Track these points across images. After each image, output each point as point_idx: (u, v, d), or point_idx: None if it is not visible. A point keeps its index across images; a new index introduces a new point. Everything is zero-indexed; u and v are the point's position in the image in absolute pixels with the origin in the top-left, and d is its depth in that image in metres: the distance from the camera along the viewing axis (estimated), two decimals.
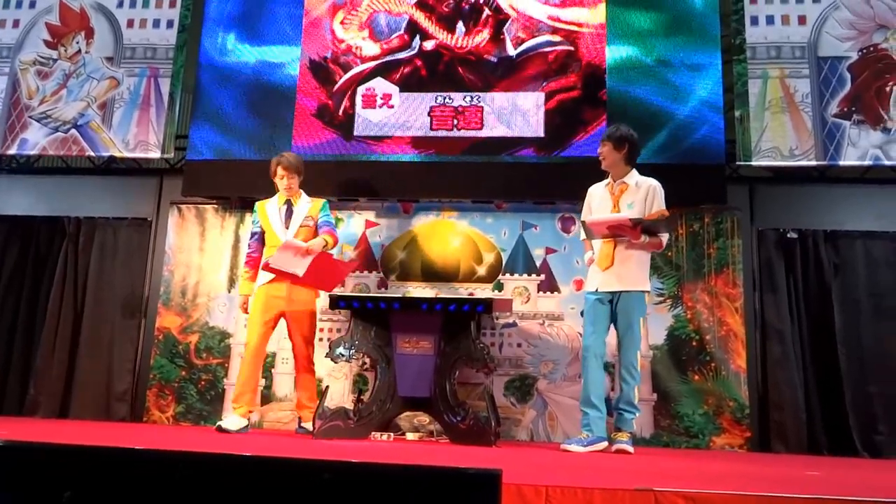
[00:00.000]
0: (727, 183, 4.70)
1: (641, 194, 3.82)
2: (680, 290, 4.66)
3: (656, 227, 3.73)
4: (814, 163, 4.70)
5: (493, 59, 5.02)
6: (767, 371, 4.56)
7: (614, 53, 4.92)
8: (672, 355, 4.58)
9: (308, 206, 4.39)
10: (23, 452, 1.49)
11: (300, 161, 4.41)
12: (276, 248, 4.14)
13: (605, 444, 3.68)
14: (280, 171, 4.31)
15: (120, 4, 5.55)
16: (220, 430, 4.01)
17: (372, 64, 5.13)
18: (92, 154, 5.34)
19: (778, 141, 4.74)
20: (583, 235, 3.98)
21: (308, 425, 4.14)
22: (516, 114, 4.92)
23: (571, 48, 4.97)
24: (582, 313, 3.96)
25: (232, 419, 4.10)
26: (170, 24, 5.46)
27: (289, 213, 4.34)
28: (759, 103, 4.82)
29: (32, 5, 5.65)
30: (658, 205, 3.79)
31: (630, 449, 3.59)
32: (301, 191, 4.43)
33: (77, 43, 5.53)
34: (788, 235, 4.74)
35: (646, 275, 3.83)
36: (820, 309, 4.61)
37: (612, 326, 3.83)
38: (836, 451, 4.34)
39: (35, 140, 5.36)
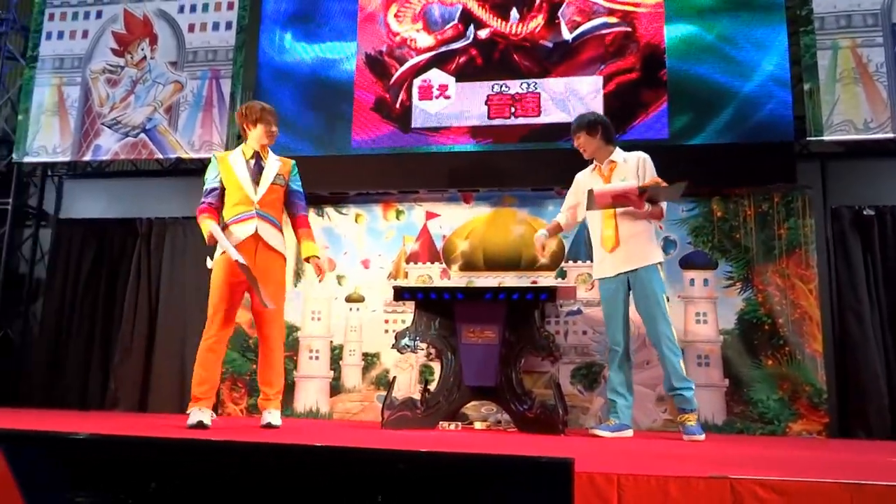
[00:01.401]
0: (797, 160, 4.53)
1: (632, 167, 3.82)
2: (750, 273, 4.52)
3: (660, 194, 3.70)
4: (891, 135, 4.49)
5: (549, 45, 4.96)
6: (846, 354, 4.40)
7: (673, 32, 4.80)
8: (743, 340, 4.45)
9: (278, 163, 3.84)
10: (109, 445, 1.54)
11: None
12: (240, 206, 3.66)
13: (631, 431, 3.73)
14: (268, 117, 3.76)
15: (181, 9, 5.70)
16: (199, 426, 3.44)
17: (427, 55, 5.13)
18: (160, 156, 5.52)
19: (851, 114, 4.55)
20: (561, 215, 4.07)
21: (264, 416, 3.66)
22: (574, 99, 4.85)
23: (629, 29, 4.87)
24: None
25: (203, 412, 3.52)
26: (228, 25, 5.58)
27: (258, 166, 3.76)
28: (829, 76, 4.62)
29: (99, 16, 5.85)
30: (651, 173, 3.78)
31: (701, 436, 3.53)
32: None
33: (142, 50, 5.70)
34: (864, 213, 4.54)
35: (656, 246, 3.82)
36: None
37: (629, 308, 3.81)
38: None
39: (107, 146, 5.56)
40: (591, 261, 4.68)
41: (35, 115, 5.73)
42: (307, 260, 3.88)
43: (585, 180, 3.97)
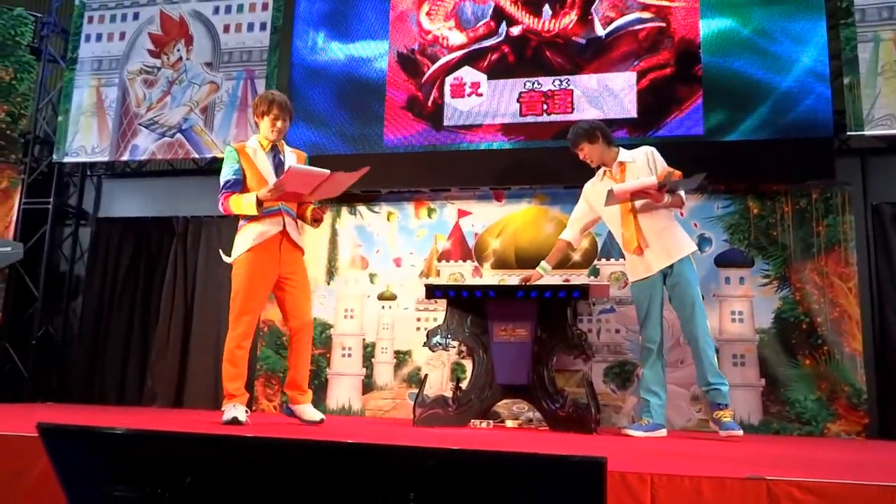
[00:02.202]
0: (836, 156, 4.44)
1: (642, 164, 3.80)
2: (787, 271, 4.44)
3: (679, 186, 3.68)
4: None
5: (582, 41, 4.93)
6: (887, 353, 4.29)
7: (708, 27, 4.72)
8: (780, 339, 4.37)
9: (293, 155, 3.81)
10: (146, 440, 1.57)
11: (291, 106, 3.86)
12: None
13: (665, 431, 3.69)
14: (276, 110, 3.67)
15: (216, 11, 5.77)
16: (234, 422, 3.43)
17: (459, 53, 5.13)
18: (196, 156, 5.60)
19: (893, 108, 4.42)
20: (569, 229, 4.09)
21: (299, 410, 3.68)
22: (607, 95, 4.81)
23: (663, 24, 4.81)
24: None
25: (238, 409, 3.52)
26: (263, 26, 5.64)
27: (277, 160, 3.72)
28: (870, 69, 4.51)
29: (136, 17, 5.95)
30: (661, 164, 3.76)
31: (739, 432, 3.50)
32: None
33: (178, 51, 5.79)
34: None
35: (686, 235, 3.81)
36: None
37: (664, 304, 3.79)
38: None
39: (145, 146, 5.66)
40: (624, 259, 4.67)
41: (74, 116, 5.85)
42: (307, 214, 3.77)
43: (596, 189, 3.93)
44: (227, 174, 3.68)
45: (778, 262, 4.47)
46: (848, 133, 4.47)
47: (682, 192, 3.76)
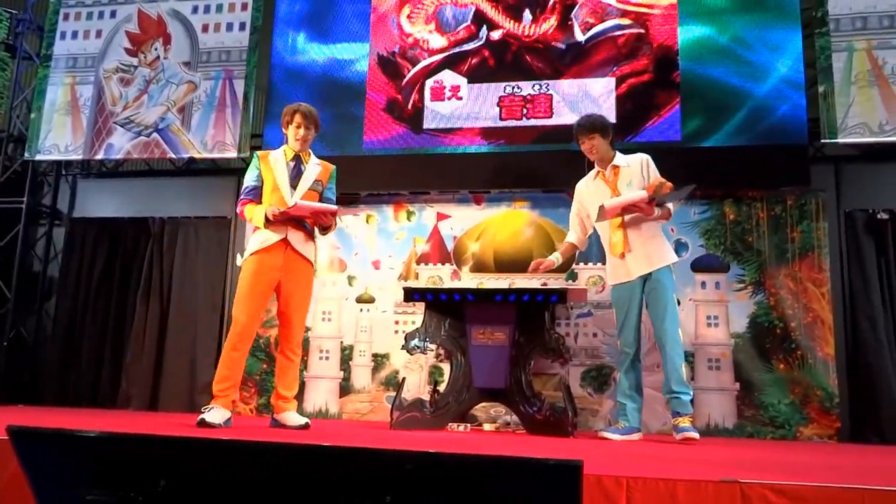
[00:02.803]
0: (811, 163, 4.51)
1: (636, 171, 3.81)
2: (762, 277, 4.50)
3: (668, 198, 3.69)
4: None
5: (562, 46, 4.96)
6: (858, 358, 4.37)
7: (687, 34, 4.78)
8: (755, 343, 4.43)
9: (318, 168, 3.84)
10: (119, 443, 1.55)
11: (317, 115, 3.89)
12: (275, 208, 3.58)
13: (640, 434, 3.74)
14: (298, 118, 3.76)
15: (195, 10, 5.72)
16: (204, 424, 3.40)
17: (439, 56, 5.14)
18: (173, 156, 5.54)
19: (866, 116, 4.51)
20: (570, 234, 4.07)
21: (284, 417, 3.69)
22: (586, 100, 4.84)
23: (642, 31, 4.86)
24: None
25: (216, 412, 3.49)
26: (242, 26, 5.60)
27: (297, 170, 3.77)
28: (844, 78, 4.59)
29: (113, 15, 5.88)
30: (654, 174, 3.77)
31: (696, 435, 3.52)
32: (310, 150, 3.92)
33: (155, 49, 5.73)
34: (879, 216, 4.51)
35: (669, 247, 3.82)
36: None
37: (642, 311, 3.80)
38: None
39: (120, 145, 5.59)
40: (603, 263, 4.69)
41: (48, 113, 5.77)
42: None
43: (589, 189, 3.95)
44: (247, 181, 3.80)
45: (753, 267, 4.53)
46: (822, 141, 4.54)
47: (670, 205, 3.77)
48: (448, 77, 5.09)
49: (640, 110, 4.75)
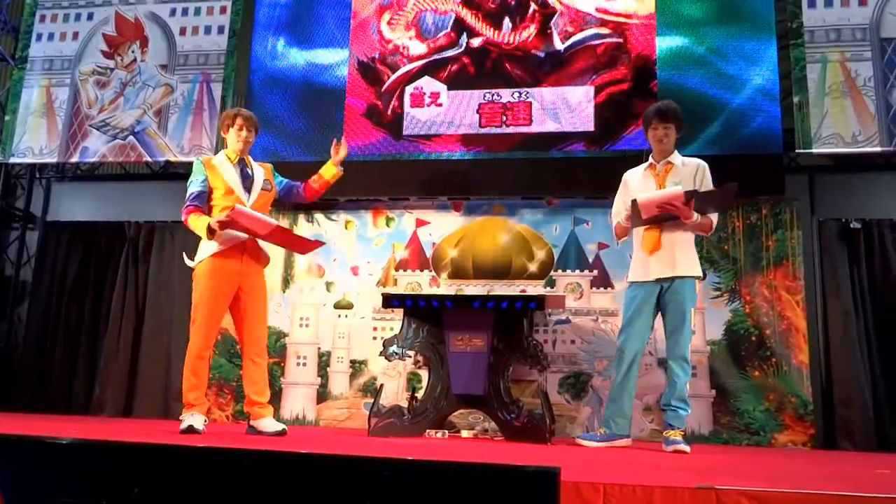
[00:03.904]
0: (785, 172, 4.57)
1: (688, 172, 3.65)
2: (737, 284, 4.55)
3: (710, 203, 3.57)
4: (878, 149, 4.52)
5: (541, 54, 4.99)
6: (832, 366, 4.43)
7: (664, 44, 4.83)
8: (730, 351, 4.48)
9: (262, 169, 3.86)
10: (92, 450, 1.53)
11: (257, 119, 3.90)
12: (231, 210, 3.52)
13: (625, 441, 3.63)
14: (240, 121, 3.74)
15: (172, 13, 5.68)
16: (192, 430, 3.45)
17: (419, 63, 5.14)
18: (149, 160, 5.49)
19: (839, 127, 4.58)
20: (614, 220, 3.83)
21: (261, 424, 3.66)
22: (565, 108, 4.87)
23: (620, 40, 4.90)
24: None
25: (198, 417, 3.54)
26: (220, 30, 5.57)
27: (245, 173, 3.75)
28: (818, 89, 4.66)
29: (90, 17, 5.82)
30: (707, 185, 3.62)
31: (686, 448, 3.50)
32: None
33: (132, 52, 5.68)
34: (852, 226, 4.58)
35: (696, 258, 3.65)
36: (887, 302, 4.45)
37: (655, 319, 3.66)
38: None
39: (95, 148, 5.53)
40: (581, 270, 4.73)
41: (23, 115, 5.69)
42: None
43: (637, 179, 3.75)
44: (192, 185, 3.71)
45: (729, 275, 4.58)
46: (797, 151, 4.60)
47: (713, 217, 3.61)
48: (428, 84, 5.09)
49: (619, 119, 4.78)
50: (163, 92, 5.55)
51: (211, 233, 3.55)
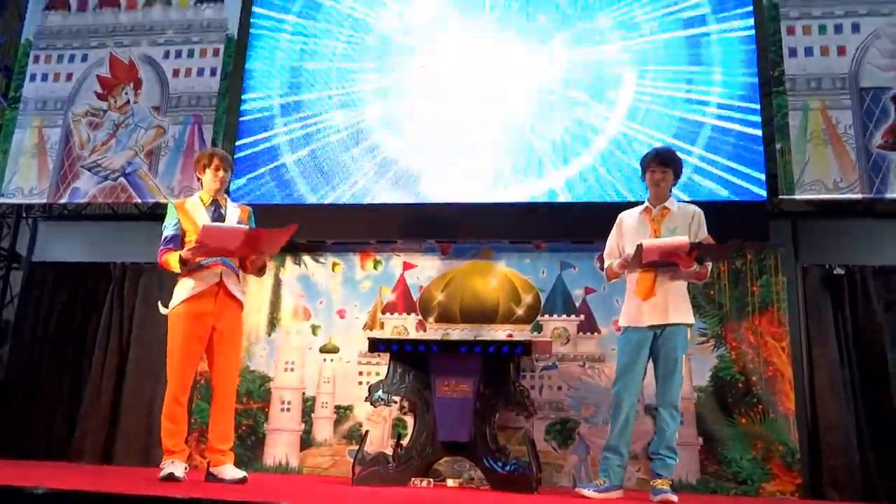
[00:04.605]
0: (769, 218, 4.61)
1: (685, 219, 3.67)
2: (723, 330, 4.55)
3: (711, 254, 3.59)
4: (859, 196, 4.58)
5: None
6: (818, 414, 4.41)
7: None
8: (717, 397, 4.45)
9: (237, 210, 3.85)
10: (68, 502, 1.51)
11: (232, 159, 3.94)
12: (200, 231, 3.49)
13: (621, 493, 3.58)
14: (216, 161, 3.74)
15: (166, 55, 5.74)
16: (172, 478, 3.39)
17: None
18: (138, 201, 5.49)
19: (821, 174, 4.64)
20: (606, 261, 3.83)
21: (221, 471, 3.56)
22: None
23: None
24: None
25: (178, 465, 3.48)
26: (213, 72, 5.62)
27: (217, 214, 3.74)
28: (800, 136, 4.73)
29: (85, 59, 5.87)
30: (703, 232, 3.65)
31: (674, 498, 3.46)
32: (225, 194, 3.92)
33: (126, 94, 5.72)
34: (835, 272, 4.61)
35: (689, 306, 3.66)
36: (871, 348, 4.46)
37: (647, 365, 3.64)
38: (894, 498, 4.15)
39: (86, 189, 5.53)
40: (567, 315, 4.73)
41: (14, 156, 5.70)
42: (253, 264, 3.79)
43: (632, 222, 3.77)
44: (166, 229, 3.73)
45: (714, 320, 4.58)
46: (780, 196, 4.65)
47: (708, 265, 3.62)
48: None
49: None
50: (155, 133, 5.58)
51: (184, 264, 3.55)
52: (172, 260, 3.59)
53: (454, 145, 5.04)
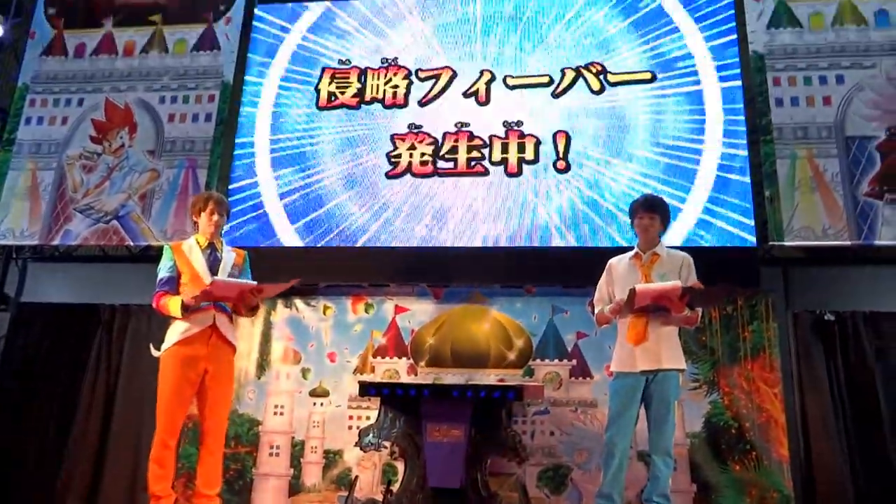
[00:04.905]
0: (760, 264, 4.63)
1: (674, 266, 3.69)
2: (716, 376, 4.53)
3: (702, 299, 3.60)
4: (848, 242, 4.62)
5: None
6: (812, 460, 4.37)
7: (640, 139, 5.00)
8: (711, 444, 4.41)
9: (233, 254, 3.87)
10: None
11: (228, 203, 4.01)
12: (211, 284, 3.56)
13: None
14: (212, 205, 3.79)
15: (162, 100, 5.81)
16: None
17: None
18: (131, 244, 5.48)
19: (810, 221, 4.69)
20: (597, 307, 3.83)
21: None
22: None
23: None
24: None
25: None
26: (208, 117, 5.67)
27: (214, 258, 3.76)
28: (788, 183, 4.79)
29: (80, 103, 5.93)
30: (693, 278, 3.66)
31: None
32: (221, 237, 3.97)
33: (121, 137, 5.76)
34: (826, 318, 4.62)
35: (681, 351, 3.66)
36: (864, 394, 4.44)
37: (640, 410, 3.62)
38: None
39: (78, 231, 5.53)
40: (560, 360, 4.71)
41: (6, 197, 5.72)
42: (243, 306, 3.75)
43: (622, 268, 3.78)
44: (161, 271, 3.74)
45: (707, 366, 4.57)
46: (770, 243, 4.68)
47: (699, 311, 3.63)
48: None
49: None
50: (149, 177, 5.60)
51: (185, 309, 3.54)
52: (173, 305, 3.59)
53: (447, 189, 5.08)
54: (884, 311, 4.60)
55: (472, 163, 5.12)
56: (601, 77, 5.13)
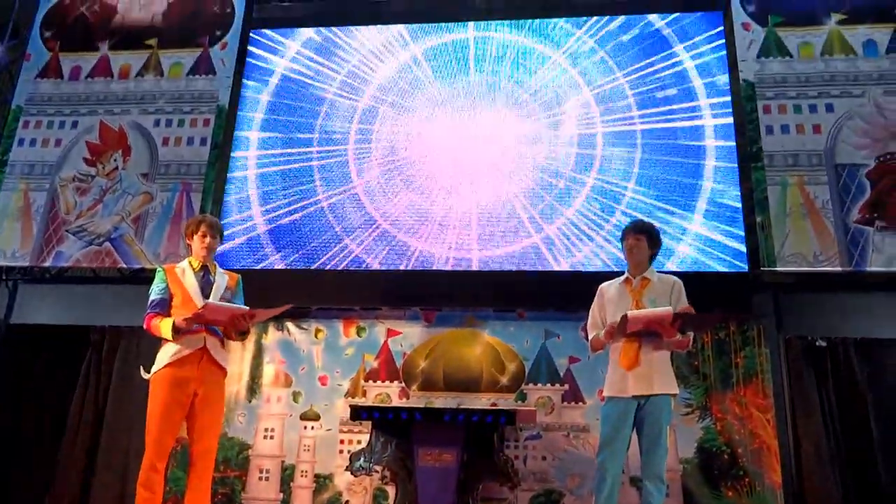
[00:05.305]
0: (751, 290, 4.65)
1: (664, 290, 3.69)
2: (708, 401, 4.53)
3: (694, 325, 3.62)
4: (839, 269, 4.65)
5: None
6: (805, 486, 4.35)
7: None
8: (703, 469, 4.40)
9: (226, 277, 3.84)
10: None
11: (221, 225, 3.98)
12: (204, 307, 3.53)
13: None
14: (204, 227, 3.79)
15: (157, 123, 5.82)
16: None
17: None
18: (123, 266, 5.46)
19: (801, 247, 4.72)
20: (591, 332, 3.82)
21: None
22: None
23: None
24: None
25: None
26: (203, 141, 5.69)
27: (207, 281, 3.75)
28: (779, 210, 4.83)
29: (75, 126, 5.94)
30: (684, 302, 3.67)
31: None
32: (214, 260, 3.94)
33: (115, 160, 5.76)
34: (817, 344, 4.63)
35: (673, 376, 3.66)
36: (856, 420, 4.44)
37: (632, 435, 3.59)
38: None
39: (70, 253, 5.51)
40: (552, 384, 4.69)
41: None
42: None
43: (612, 293, 3.79)
44: (153, 293, 3.72)
45: (699, 391, 4.56)
46: (761, 269, 4.71)
47: (690, 335, 3.64)
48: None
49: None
50: (142, 200, 5.59)
51: (176, 331, 3.52)
52: (164, 327, 3.56)
53: (440, 213, 5.10)
54: (875, 338, 4.61)
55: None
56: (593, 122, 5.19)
